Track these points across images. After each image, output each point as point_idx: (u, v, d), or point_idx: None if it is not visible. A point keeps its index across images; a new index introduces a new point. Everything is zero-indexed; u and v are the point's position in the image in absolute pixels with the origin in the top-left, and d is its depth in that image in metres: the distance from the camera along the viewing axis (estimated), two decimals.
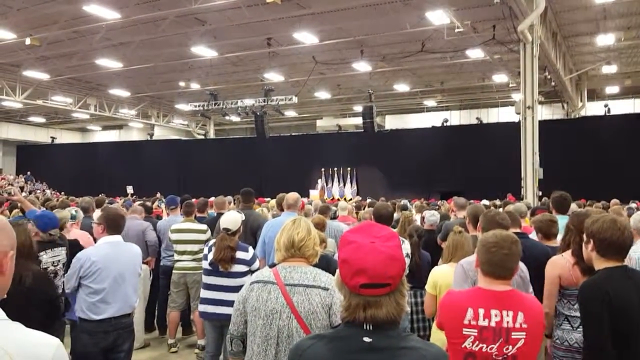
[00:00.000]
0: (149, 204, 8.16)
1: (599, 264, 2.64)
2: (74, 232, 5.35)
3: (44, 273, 3.69)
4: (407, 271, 4.45)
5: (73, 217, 5.54)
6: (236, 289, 4.37)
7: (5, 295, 1.45)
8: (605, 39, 17.81)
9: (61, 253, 4.46)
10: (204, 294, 4.71)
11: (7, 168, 34.31)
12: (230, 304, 4.36)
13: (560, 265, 3.37)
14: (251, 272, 4.46)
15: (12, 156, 35.36)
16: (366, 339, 1.51)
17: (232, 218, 4.70)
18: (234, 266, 4.56)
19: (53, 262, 4.37)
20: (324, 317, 2.43)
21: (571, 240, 3.37)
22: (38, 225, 4.42)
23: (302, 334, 2.36)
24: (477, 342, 2.31)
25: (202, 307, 4.73)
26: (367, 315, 1.52)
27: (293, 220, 2.75)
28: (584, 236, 2.77)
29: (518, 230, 4.28)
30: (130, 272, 4.09)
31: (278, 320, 2.42)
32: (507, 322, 2.30)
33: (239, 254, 4.57)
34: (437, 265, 4.24)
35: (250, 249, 4.67)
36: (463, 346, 2.32)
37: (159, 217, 8.61)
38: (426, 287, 3.90)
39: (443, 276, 3.79)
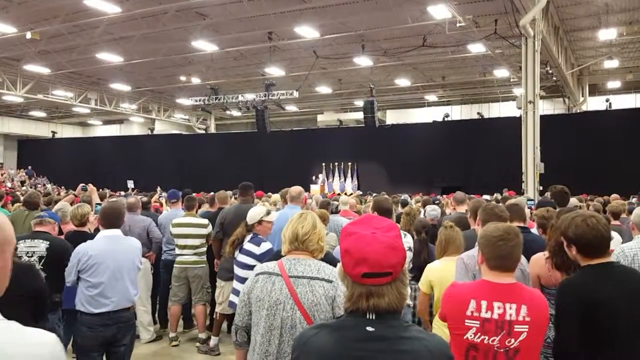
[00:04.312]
0: (145, 199, 8.09)
1: (583, 262, 2.65)
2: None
3: (24, 266, 3.57)
4: (410, 265, 4.46)
5: (97, 212, 5.53)
6: (241, 279, 4.40)
7: None
8: (607, 34, 17.76)
9: (40, 245, 4.39)
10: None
11: (8, 162, 34.34)
12: (237, 292, 4.37)
13: (539, 265, 3.36)
14: None
15: (13, 150, 35.40)
16: (369, 328, 1.53)
17: (251, 211, 4.80)
18: (239, 255, 4.59)
19: (27, 253, 4.29)
20: (327, 308, 2.44)
21: (552, 236, 3.36)
22: None
23: (306, 325, 2.37)
24: (479, 333, 2.31)
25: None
26: (369, 304, 1.54)
27: (300, 214, 2.78)
28: (562, 239, 2.75)
29: (522, 224, 4.29)
30: (128, 266, 4.09)
31: (282, 311, 2.44)
32: (510, 315, 2.30)
33: (247, 245, 4.57)
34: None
35: (265, 244, 4.57)
36: (465, 338, 2.33)
37: (158, 211, 8.58)
38: (419, 284, 3.89)
39: (435, 272, 3.79)
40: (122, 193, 16.83)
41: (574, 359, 2.49)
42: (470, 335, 2.32)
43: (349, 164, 25.54)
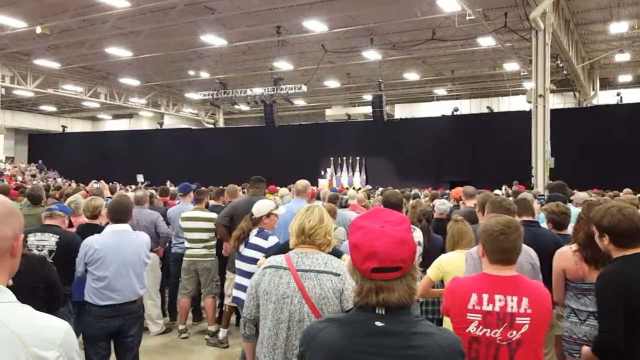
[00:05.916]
0: (148, 192, 8.07)
1: (616, 253, 2.66)
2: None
3: (37, 257, 3.65)
4: (420, 259, 4.45)
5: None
6: (247, 274, 4.29)
7: None
8: (618, 27, 17.60)
9: (50, 239, 4.42)
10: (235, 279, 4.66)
11: (19, 156, 34.60)
12: (242, 288, 4.28)
13: (565, 258, 3.33)
14: None
15: (23, 145, 35.66)
16: (378, 324, 1.51)
17: (258, 204, 4.67)
18: (245, 249, 4.48)
19: (37, 246, 4.34)
20: (335, 302, 2.44)
21: (580, 229, 3.34)
22: None
23: (313, 319, 2.37)
24: (481, 326, 2.30)
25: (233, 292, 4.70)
26: (379, 299, 1.52)
27: (307, 208, 2.76)
28: (595, 230, 2.75)
29: (530, 218, 4.28)
30: (134, 261, 4.11)
31: (289, 305, 2.44)
32: (512, 307, 2.29)
33: (254, 239, 4.46)
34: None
35: (272, 238, 4.47)
36: (467, 331, 2.32)
37: (166, 205, 8.60)
38: (428, 270, 3.89)
39: (452, 264, 3.78)
40: (133, 187, 16.92)
41: (619, 350, 2.50)
42: (472, 329, 2.31)
43: (357, 158, 25.49)
